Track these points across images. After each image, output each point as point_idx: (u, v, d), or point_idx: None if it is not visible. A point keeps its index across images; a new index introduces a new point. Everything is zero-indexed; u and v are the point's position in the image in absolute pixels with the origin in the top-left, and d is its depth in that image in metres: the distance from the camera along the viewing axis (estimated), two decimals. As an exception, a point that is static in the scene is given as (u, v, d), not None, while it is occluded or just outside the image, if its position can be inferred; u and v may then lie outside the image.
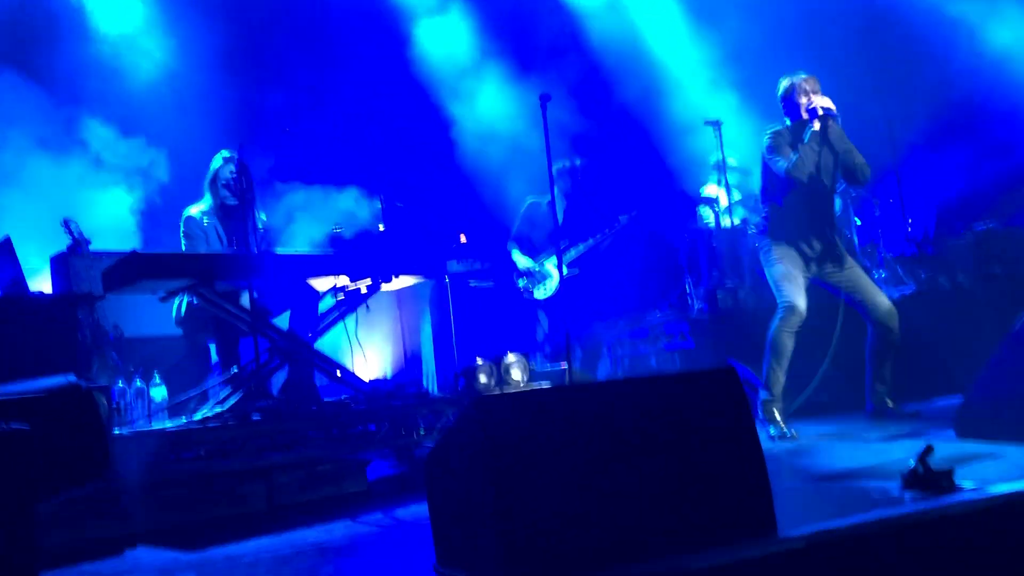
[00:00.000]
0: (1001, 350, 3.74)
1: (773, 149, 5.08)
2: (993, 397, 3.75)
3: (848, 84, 5.11)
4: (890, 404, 5.09)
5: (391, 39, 8.79)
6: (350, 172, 5.80)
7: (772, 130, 5.16)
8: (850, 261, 5.16)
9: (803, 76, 5.13)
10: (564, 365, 5.54)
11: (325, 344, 5.33)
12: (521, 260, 7.19)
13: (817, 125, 4.97)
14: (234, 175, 5.20)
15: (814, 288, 5.14)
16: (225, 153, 5.29)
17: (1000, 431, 3.65)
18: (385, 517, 3.62)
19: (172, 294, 4.62)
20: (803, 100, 5.07)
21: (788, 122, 5.20)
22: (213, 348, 5.29)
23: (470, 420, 2.31)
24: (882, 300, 5.09)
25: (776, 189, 5.18)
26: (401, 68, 8.82)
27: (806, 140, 4.99)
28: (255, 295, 4.65)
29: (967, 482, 2.73)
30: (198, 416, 4.36)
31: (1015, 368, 3.64)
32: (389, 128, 8.42)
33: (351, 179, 5.62)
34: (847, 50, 8.12)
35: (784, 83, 5.20)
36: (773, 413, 4.95)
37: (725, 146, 7.47)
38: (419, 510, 3.54)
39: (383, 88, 8.60)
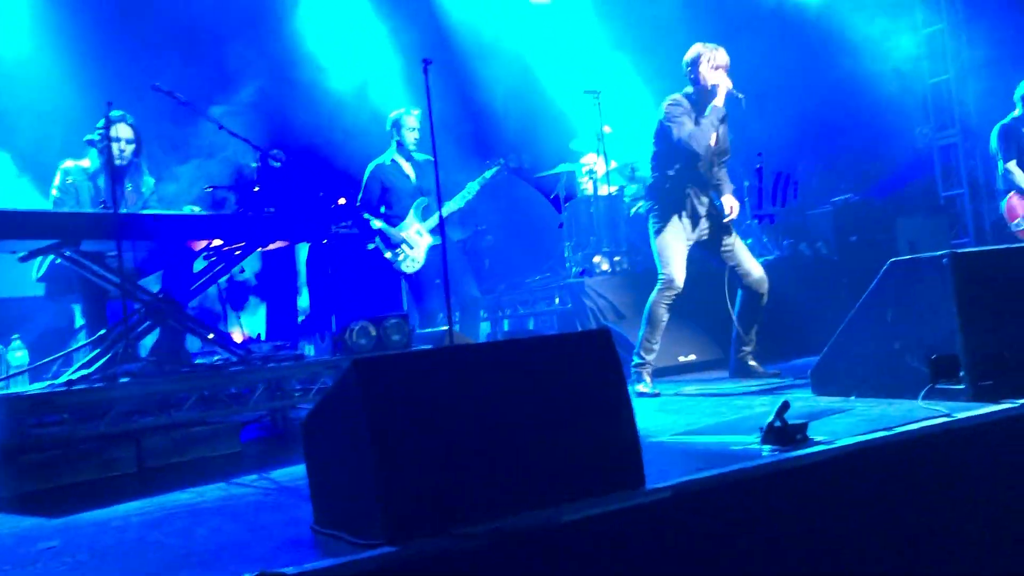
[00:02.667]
0: (854, 313, 3.99)
1: (672, 117, 5.14)
2: (846, 357, 4.00)
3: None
4: (752, 363, 5.34)
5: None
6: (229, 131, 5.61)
7: (672, 97, 5.21)
8: (728, 228, 5.35)
9: (714, 47, 5.19)
10: (444, 327, 5.56)
11: (197, 304, 5.20)
12: (386, 228, 6.75)
13: (720, 101, 5.11)
14: (113, 137, 4.98)
15: (694, 254, 5.30)
16: (115, 113, 5.05)
17: (852, 388, 3.91)
18: (260, 479, 3.58)
19: (34, 254, 4.40)
20: (709, 72, 5.15)
21: (690, 89, 5.27)
22: (78, 310, 5.08)
23: (349, 381, 2.32)
24: (756, 266, 5.32)
25: (668, 156, 5.25)
26: (281, 22, 8.60)
27: (707, 114, 5.11)
28: (128, 255, 4.47)
29: (820, 436, 2.92)
30: (62, 380, 4.19)
31: (866, 330, 3.89)
32: (272, 88, 8.19)
33: (229, 140, 5.43)
34: (717, 24, 8.40)
35: (695, 50, 5.23)
36: (643, 374, 5.14)
37: (604, 116, 7.61)
38: (296, 472, 3.52)
39: (267, 47, 8.35)
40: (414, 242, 6.68)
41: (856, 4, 9.56)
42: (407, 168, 6.80)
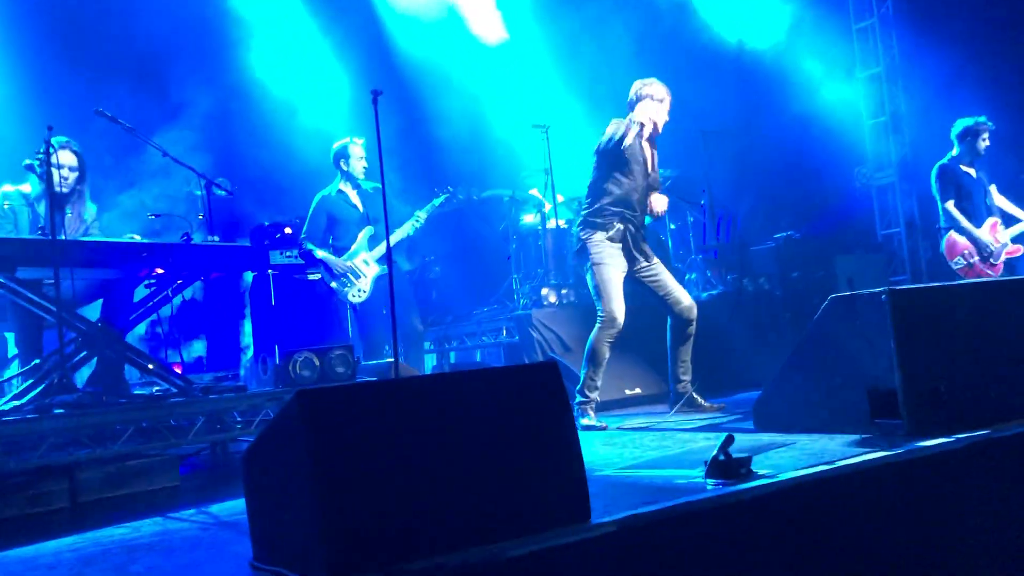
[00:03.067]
0: (795, 348, 4.05)
1: (610, 135, 5.21)
2: (788, 391, 4.06)
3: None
4: (696, 396, 5.38)
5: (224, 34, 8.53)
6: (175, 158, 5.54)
7: (616, 119, 5.28)
8: (655, 258, 5.39)
9: (657, 83, 5.29)
10: (390, 359, 5.52)
11: (138, 335, 5.09)
12: (330, 259, 6.68)
13: (650, 125, 5.19)
14: (56, 163, 4.87)
15: (630, 288, 5.34)
16: (60, 139, 4.94)
17: (794, 422, 3.96)
18: (199, 513, 3.49)
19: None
20: (651, 105, 5.24)
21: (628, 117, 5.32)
22: (12, 338, 4.93)
23: (292, 413, 2.28)
24: (684, 295, 5.36)
25: (605, 184, 5.30)
26: (231, 52, 8.56)
27: (638, 134, 5.19)
28: (66, 283, 4.36)
29: (763, 469, 2.95)
30: (-8, 410, 4.06)
31: (807, 365, 3.95)
32: (219, 117, 8.13)
33: (174, 167, 5.37)
34: (668, 64, 8.57)
35: (638, 85, 5.32)
36: (587, 410, 5.15)
37: (552, 150, 7.68)
38: (235, 506, 3.45)
39: (216, 76, 8.30)
40: (361, 272, 6.63)
41: (797, 49, 9.89)
42: (354, 197, 6.76)
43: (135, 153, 6.82)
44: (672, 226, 8.56)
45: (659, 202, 5.34)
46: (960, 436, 3.26)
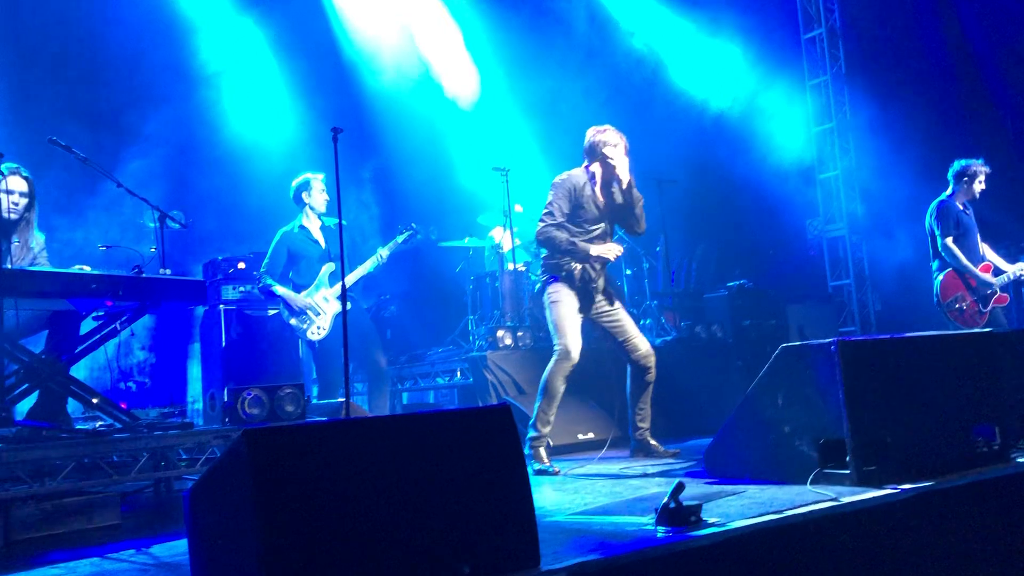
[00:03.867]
0: (746, 396, 4.09)
1: (564, 182, 5.28)
2: (738, 439, 4.08)
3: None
4: (652, 443, 5.39)
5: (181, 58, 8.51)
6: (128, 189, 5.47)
7: (566, 175, 5.34)
8: (617, 303, 5.45)
9: (616, 137, 5.33)
10: (341, 398, 5.45)
11: (83, 368, 4.98)
12: (290, 295, 6.59)
13: (612, 170, 5.24)
14: (5, 189, 4.79)
15: (588, 331, 5.37)
16: (10, 165, 4.85)
17: (744, 470, 3.97)
18: (139, 553, 3.40)
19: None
20: (606, 150, 5.30)
21: (583, 168, 5.39)
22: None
23: (238, 452, 2.24)
24: (643, 342, 5.41)
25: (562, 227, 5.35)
26: (191, 84, 8.53)
27: (597, 182, 5.24)
28: (10, 313, 4.26)
29: (713, 517, 2.95)
30: (-75, 443, 3.92)
31: (757, 413, 3.98)
32: (177, 148, 8.08)
33: (128, 198, 5.30)
34: (631, 114, 8.73)
35: (591, 133, 5.39)
36: (539, 450, 5.13)
37: (512, 193, 7.74)
38: (177, 546, 3.36)
39: (174, 107, 8.25)
40: (321, 309, 6.56)
41: (755, 104, 10.14)
42: (316, 233, 6.72)
43: (88, 183, 6.73)
44: (628, 272, 8.64)
45: (611, 250, 5.35)
46: (906, 487, 3.31)
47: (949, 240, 6.71)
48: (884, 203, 9.24)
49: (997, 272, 6.79)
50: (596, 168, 5.32)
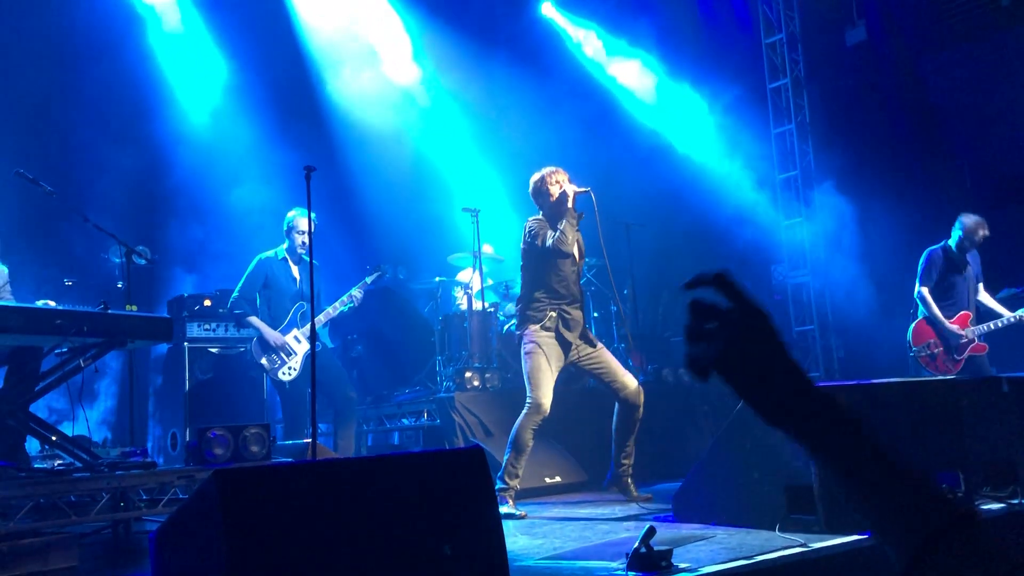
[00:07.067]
0: (715, 441, 4.11)
1: (535, 233, 5.34)
2: (707, 484, 4.10)
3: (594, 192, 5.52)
4: (630, 483, 5.37)
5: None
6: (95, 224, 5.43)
7: (532, 218, 5.43)
8: (599, 344, 5.46)
9: (552, 168, 5.44)
10: (307, 439, 5.38)
11: (43, 406, 4.87)
12: (265, 329, 6.48)
13: (571, 203, 5.29)
14: None
15: (570, 375, 5.35)
16: None
17: (712, 515, 3.99)
18: (98, 598, 3.31)
19: None
20: (554, 189, 5.38)
21: (541, 214, 5.49)
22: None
23: (208, 494, 2.20)
24: (630, 379, 5.40)
25: (538, 275, 5.38)
26: (159, 115, 8.51)
27: (563, 218, 5.28)
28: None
29: (683, 563, 2.95)
30: None
31: (726, 458, 4.01)
32: (145, 184, 8.03)
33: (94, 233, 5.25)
34: (590, 159, 8.84)
35: (535, 177, 5.48)
36: (506, 498, 5.09)
37: (481, 233, 7.76)
38: (138, 590, 3.28)
39: (143, 142, 8.21)
40: (293, 350, 6.48)
41: (721, 151, 10.33)
42: (294, 270, 6.69)
43: (54, 216, 6.66)
44: (595, 314, 8.67)
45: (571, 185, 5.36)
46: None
47: (925, 289, 6.94)
48: (848, 250, 9.39)
49: (982, 320, 6.94)
50: (552, 197, 5.38)
